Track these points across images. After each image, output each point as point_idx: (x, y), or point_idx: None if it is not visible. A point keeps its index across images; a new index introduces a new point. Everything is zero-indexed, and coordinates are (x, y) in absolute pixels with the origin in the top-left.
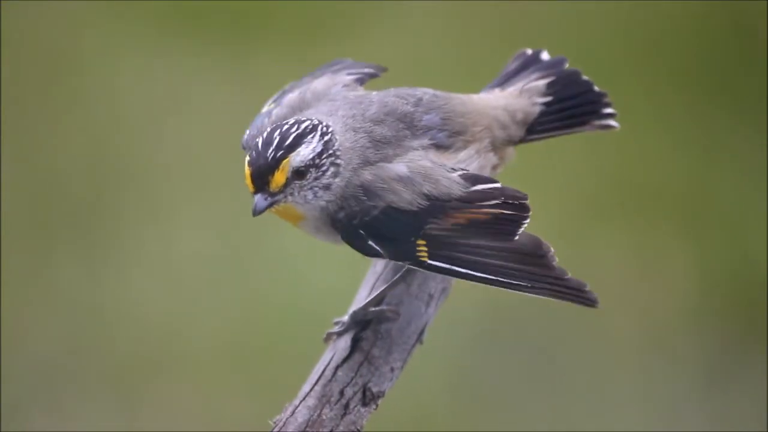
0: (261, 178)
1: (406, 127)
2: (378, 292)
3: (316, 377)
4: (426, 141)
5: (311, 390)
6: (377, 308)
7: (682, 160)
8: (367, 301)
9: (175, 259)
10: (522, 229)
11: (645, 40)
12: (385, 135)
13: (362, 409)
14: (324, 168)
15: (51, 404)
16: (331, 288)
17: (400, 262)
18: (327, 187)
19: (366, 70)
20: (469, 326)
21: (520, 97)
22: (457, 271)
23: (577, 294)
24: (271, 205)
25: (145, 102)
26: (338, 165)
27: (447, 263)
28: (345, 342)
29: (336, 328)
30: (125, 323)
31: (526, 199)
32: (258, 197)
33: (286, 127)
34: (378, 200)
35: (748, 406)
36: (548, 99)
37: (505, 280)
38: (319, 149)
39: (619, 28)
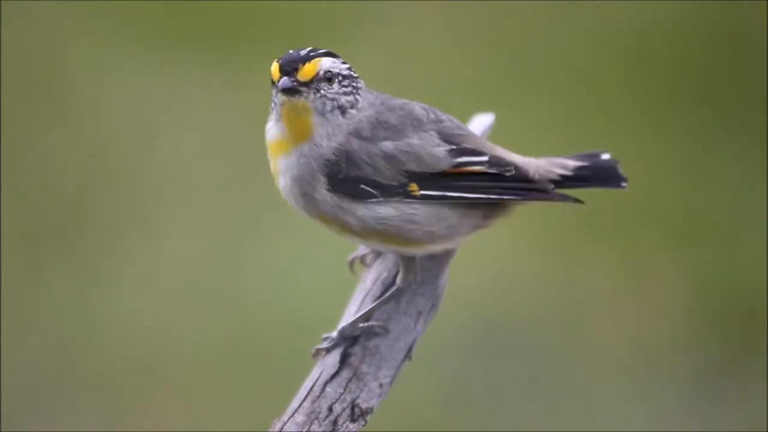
0: (290, 65)
1: (413, 126)
2: (368, 308)
3: (305, 393)
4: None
5: (300, 406)
6: (366, 324)
7: (672, 175)
8: (357, 317)
9: (165, 271)
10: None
11: (635, 56)
12: (388, 121)
13: (351, 426)
14: (346, 90)
15: (39, 415)
16: (321, 302)
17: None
18: (342, 111)
19: None
20: (458, 342)
21: (542, 162)
22: (450, 196)
23: (563, 197)
24: (294, 89)
25: (135, 114)
26: (354, 102)
27: (439, 191)
28: (334, 358)
29: (325, 344)
30: (114, 335)
31: (511, 167)
32: (284, 79)
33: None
34: (359, 171)
35: (739, 421)
36: (568, 174)
37: (496, 197)
38: (345, 72)
39: (610, 40)
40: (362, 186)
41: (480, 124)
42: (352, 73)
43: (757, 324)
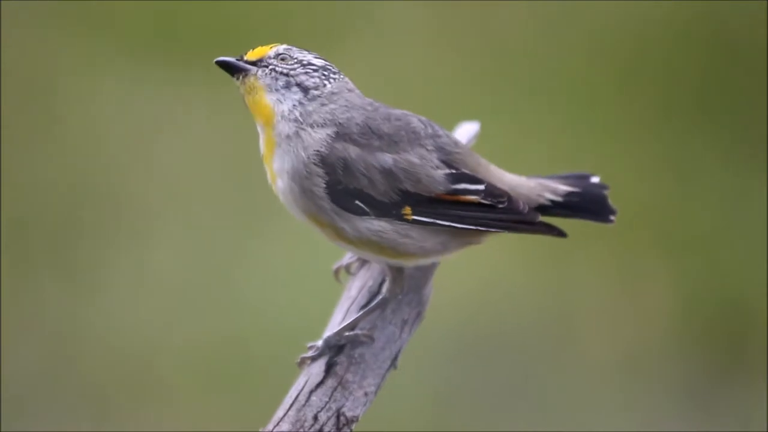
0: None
1: (409, 138)
2: (354, 318)
3: (290, 402)
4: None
5: (285, 415)
6: (351, 333)
7: (662, 183)
8: (342, 326)
9: (154, 281)
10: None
11: (625, 65)
12: (381, 128)
13: None
14: (309, 72)
15: (30, 422)
16: (310, 310)
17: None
18: (303, 89)
19: None
20: (445, 350)
21: (533, 184)
22: (440, 224)
23: (549, 229)
24: (236, 65)
25: (123, 126)
26: (319, 84)
27: (430, 218)
28: (319, 367)
29: (310, 353)
30: (104, 344)
31: (504, 198)
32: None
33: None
34: (355, 182)
35: (728, 427)
36: (558, 200)
37: (483, 229)
38: (314, 61)
39: (600, 49)
40: (357, 202)
41: (465, 132)
42: (327, 64)
43: (746, 331)
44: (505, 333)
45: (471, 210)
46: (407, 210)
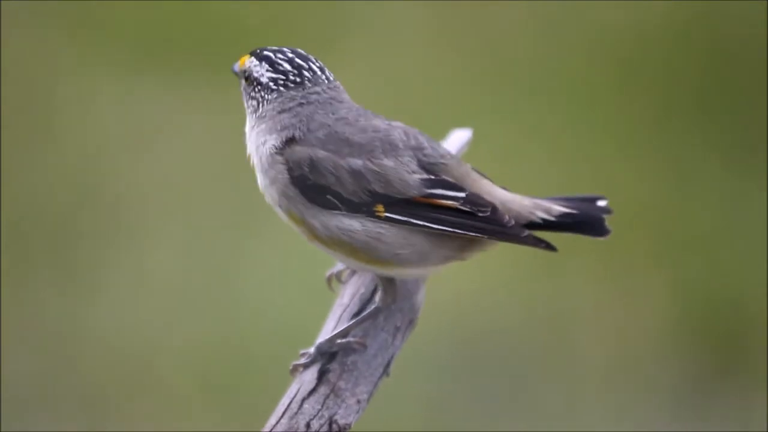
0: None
1: (383, 149)
2: (346, 325)
3: (282, 410)
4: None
5: (277, 423)
6: (344, 340)
7: (657, 188)
8: (334, 333)
9: (150, 284)
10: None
11: (623, 68)
12: (351, 138)
13: None
14: (252, 94)
15: (26, 426)
16: (306, 314)
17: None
18: (252, 110)
19: None
20: (437, 358)
21: (527, 202)
22: (414, 223)
23: (536, 242)
24: (234, 71)
25: (122, 128)
26: (255, 108)
27: (404, 216)
28: (311, 374)
29: (302, 360)
30: (101, 346)
31: (488, 208)
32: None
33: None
34: (323, 179)
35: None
36: (550, 219)
37: (461, 232)
38: (261, 79)
39: (599, 52)
40: (328, 196)
41: (458, 139)
42: (269, 83)
43: (740, 337)
44: (497, 339)
45: (448, 214)
46: (380, 207)
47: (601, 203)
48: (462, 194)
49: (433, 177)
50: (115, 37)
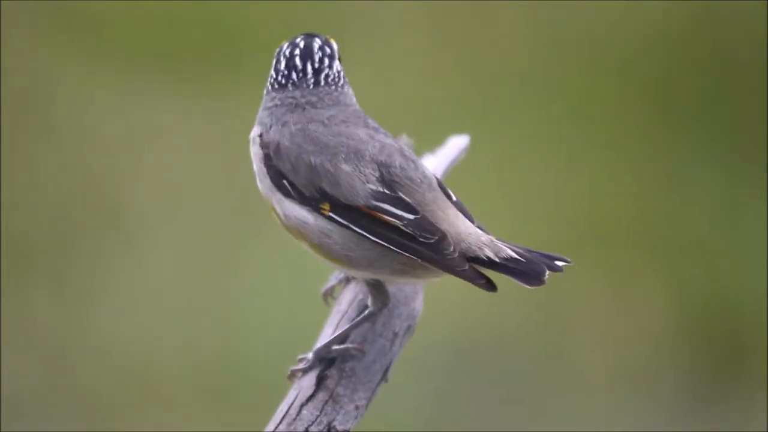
0: None
1: (346, 156)
2: (342, 330)
3: (281, 416)
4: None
5: (276, 429)
6: (342, 346)
7: (654, 193)
8: (331, 338)
9: (147, 290)
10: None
11: (620, 75)
12: (320, 138)
13: None
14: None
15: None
16: (304, 320)
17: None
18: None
19: None
20: (435, 364)
21: (484, 239)
22: (354, 229)
23: (476, 276)
24: None
25: (117, 137)
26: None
27: (346, 221)
28: (310, 380)
29: (300, 365)
30: (98, 353)
31: (433, 237)
32: None
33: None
34: (281, 164)
35: None
36: (494, 260)
37: (396, 249)
38: (273, 69)
39: (596, 59)
40: (284, 182)
41: (455, 146)
42: (269, 78)
43: (740, 341)
44: (495, 345)
45: (389, 230)
46: (326, 205)
47: (559, 263)
48: (410, 216)
49: (387, 192)
50: (115, 38)
